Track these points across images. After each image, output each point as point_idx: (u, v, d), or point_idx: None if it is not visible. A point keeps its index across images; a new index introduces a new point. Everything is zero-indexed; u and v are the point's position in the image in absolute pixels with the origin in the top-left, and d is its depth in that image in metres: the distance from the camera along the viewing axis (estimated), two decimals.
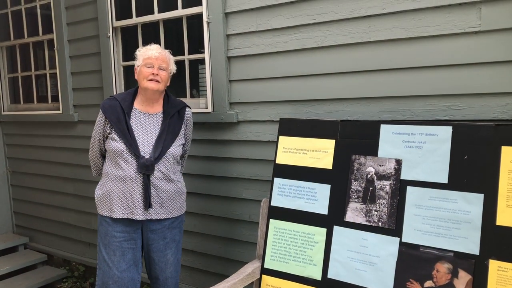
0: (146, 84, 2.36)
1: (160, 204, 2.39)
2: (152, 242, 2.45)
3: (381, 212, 1.99)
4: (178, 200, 2.49)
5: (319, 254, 2.11)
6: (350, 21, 2.32)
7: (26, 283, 3.83)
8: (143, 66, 2.38)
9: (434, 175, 1.89)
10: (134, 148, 2.32)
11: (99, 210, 2.44)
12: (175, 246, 2.52)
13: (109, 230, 2.39)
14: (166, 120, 2.43)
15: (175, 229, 2.51)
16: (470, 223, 1.79)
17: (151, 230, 2.43)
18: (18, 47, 4.38)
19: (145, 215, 2.36)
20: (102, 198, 2.42)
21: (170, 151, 2.39)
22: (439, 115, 2.14)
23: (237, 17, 2.72)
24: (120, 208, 2.34)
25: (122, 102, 2.41)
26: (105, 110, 2.40)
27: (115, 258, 2.38)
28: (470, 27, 2.01)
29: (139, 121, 2.41)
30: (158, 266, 2.49)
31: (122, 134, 2.34)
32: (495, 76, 1.99)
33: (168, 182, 2.41)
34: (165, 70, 2.40)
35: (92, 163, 2.61)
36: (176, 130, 2.45)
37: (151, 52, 2.38)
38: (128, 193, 2.34)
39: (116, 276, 2.37)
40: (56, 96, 4.03)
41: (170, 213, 2.44)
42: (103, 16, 3.40)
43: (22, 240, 4.48)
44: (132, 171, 2.32)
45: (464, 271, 1.77)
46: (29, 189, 4.42)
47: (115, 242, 2.38)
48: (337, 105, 2.43)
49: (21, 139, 4.40)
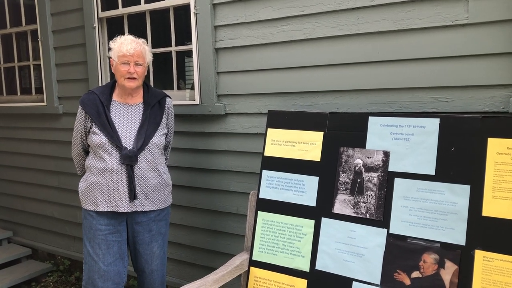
0: (124, 82, 2.33)
1: (145, 195, 2.37)
2: (137, 235, 2.43)
3: (369, 204, 2.00)
4: (164, 192, 2.47)
5: (307, 246, 2.12)
6: (338, 13, 2.32)
7: (10, 278, 3.77)
8: (118, 64, 2.32)
9: (422, 166, 1.91)
10: (116, 140, 2.30)
11: (83, 204, 2.41)
12: (161, 239, 2.51)
13: (93, 223, 2.37)
14: (147, 110, 2.41)
15: (161, 222, 2.49)
16: (457, 214, 1.81)
17: (136, 223, 2.41)
18: (1, 38, 4.29)
19: (130, 207, 2.34)
20: (86, 192, 2.39)
21: (153, 140, 2.38)
22: (427, 107, 2.15)
23: (225, 8, 2.70)
24: (104, 201, 2.32)
25: (100, 95, 2.38)
26: (84, 104, 2.37)
27: (101, 252, 2.36)
28: (457, 19, 2.03)
29: (119, 112, 2.38)
30: (144, 258, 2.48)
31: (102, 127, 2.31)
32: (482, 68, 2.01)
33: (152, 173, 2.39)
34: (141, 65, 2.35)
35: (76, 161, 2.56)
36: (157, 120, 2.43)
37: (126, 48, 2.30)
38: (112, 185, 2.31)
39: (102, 269, 2.36)
40: (40, 88, 3.96)
41: (156, 205, 2.42)
42: (88, 6, 3.35)
43: (6, 234, 4.41)
44: (115, 162, 2.30)
45: (451, 262, 1.79)
46: (12, 183, 4.35)
47: (100, 236, 2.36)
48: (326, 97, 2.43)
49: (3, 132, 4.31)
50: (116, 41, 2.38)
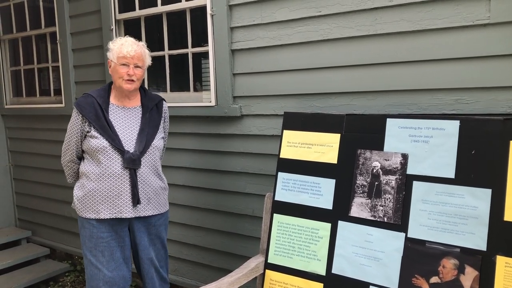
0: (122, 84, 2.29)
1: (148, 200, 2.35)
2: (139, 241, 2.40)
3: (386, 207, 1.96)
4: (163, 196, 2.46)
5: (323, 249, 2.09)
6: (356, 14, 2.29)
7: (29, 277, 3.82)
8: (117, 65, 2.28)
9: (441, 169, 1.87)
10: (118, 143, 2.25)
11: (81, 213, 2.33)
12: (159, 243, 2.48)
13: (94, 232, 2.31)
14: (146, 113, 2.38)
15: (161, 226, 2.47)
16: (477, 218, 1.76)
17: (137, 228, 2.38)
18: (21, 40, 4.36)
19: (134, 212, 2.30)
20: (84, 200, 2.31)
21: (154, 143, 2.36)
22: (446, 109, 2.11)
23: (241, 9, 2.69)
24: (106, 208, 2.27)
25: (98, 98, 2.32)
26: (81, 108, 2.29)
27: (104, 259, 2.32)
28: (478, 19, 1.98)
29: (118, 115, 2.35)
30: (145, 263, 2.44)
31: (102, 130, 2.26)
32: (504, 69, 1.96)
33: (154, 176, 2.38)
34: (141, 67, 2.32)
35: (67, 168, 2.43)
36: (157, 123, 2.42)
37: (127, 49, 2.26)
38: (115, 190, 2.26)
39: (106, 276, 2.32)
40: (58, 89, 4.01)
41: (157, 209, 2.40)
42: (106, 8, 3.38)
43: (25, 233, 4.48)
44: (117, 167, 2.25)
45: (471, 267, 1.74)
46: (31, 183, 4.41)
47: (103, 243, 2.31)
48: (343, 98, 2.40)
49: (23, 133, 4.38)
50: (116, 42, 2.34)
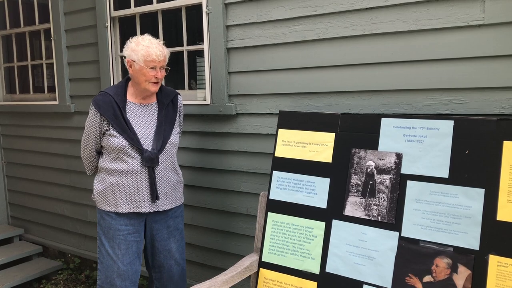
0: (149, 86, 2.32)
1: (165, 195, 2.41)
2: (156, 232, 2.46)
3: (380, 206, 1.97)
4: (179, 189, 2.54)
5: (317, 248, 2.10)
6: (352, 13, 2.29)
7: (21, 275, 3.80)
8: (145, 68, 2.26)
9: (435, 169, 1.88)
10: (136, 143, 2.30)
11: (101, 205, 2.40)
12: (178, 234, 2.55)
13: (113, 224, 2.37)
14: (162, 110, 2.42)
15: (178, 218, 2.54)
16: (471, 218, 1.77)
17: (155, 221, 2.44)
18: (14, 36, 4.33)
19: (152, 207, 2.37)
20: (104, 193, 2.38)
21: (171, 140, 2.41)
22: (441, 109, 2.12)
23: (237, 7, 2.69)
24: (125, 203, 2.34)
25: (115, 96, 2.34)
26: (99, 106, 2.32)
27: (120, 252, 2.37)
28: (473, 20, 1.99)
29: (135, 113, 2.38)
30: (163, 254, 2.50)
31: (121, 129, 2.30)
32: (498, 70, 1.97)
33: (171, 172, 2.45)
34: (165, 68, 2.38)
35: (87, 161, 2.51)
36: (172, 120, 2.46)
37: (154, 51, 2.25)
38: (134, 187, 2.33)
39: (120, 269, 2.38)
40: (52, 86, 3.99)
41: (174, 202, 2.48)
42: (101, 5, 3.36)
43: (17, 231, 4.45)
44: (137, 165, 2.32)
45: (464, 266, 1.76)
46: (24, 180, 4.39)
47: (120, 236, 2.37)
48: (338, 98, 2.40)
49: (16, 130, 4.35)
50: (140, 43, 2.29)
